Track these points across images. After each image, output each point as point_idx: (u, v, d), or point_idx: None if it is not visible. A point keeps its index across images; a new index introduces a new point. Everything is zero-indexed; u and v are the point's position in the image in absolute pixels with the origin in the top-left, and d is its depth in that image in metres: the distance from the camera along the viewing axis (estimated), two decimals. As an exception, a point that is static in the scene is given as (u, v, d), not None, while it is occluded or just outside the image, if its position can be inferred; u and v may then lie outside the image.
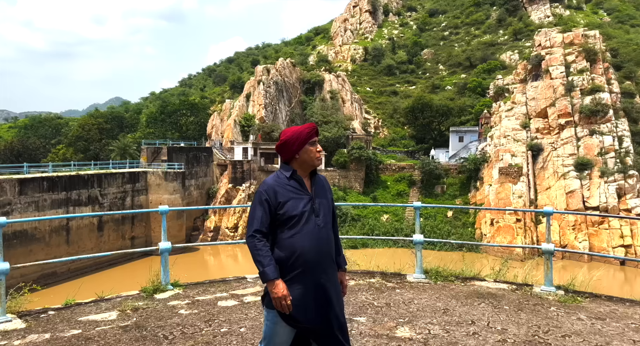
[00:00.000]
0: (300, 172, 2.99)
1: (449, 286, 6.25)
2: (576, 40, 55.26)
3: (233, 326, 4.65)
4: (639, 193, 43.82)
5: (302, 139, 2.96)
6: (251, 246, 2.84)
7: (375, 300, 5.59)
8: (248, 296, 5.65)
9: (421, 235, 6.81)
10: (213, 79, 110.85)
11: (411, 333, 4.56)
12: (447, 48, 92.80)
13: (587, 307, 5.37)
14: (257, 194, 2.95)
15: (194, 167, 49.50)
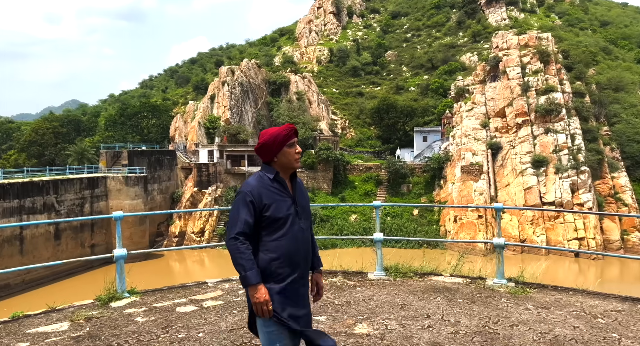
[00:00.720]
0: (282, 173, 2.96)
1: (407, 282, 6.42)
2: (531, 42, 57.80)
3: (191, 331, 4.60)
4: (590, 188, 46.31)
5: (279, 141, 2.91)
6: (233, 248, 2.75)
7: (336, 298, 5.66)
8: (208, 301, 5.59)
9: (381, 234, 6.95)
10: (175, 80, 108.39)
11: (369, 329, 4.66)
12: (410, 50, 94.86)
13: (534, 297, 5.66)
14: (240, 195, 2.85)
15: (156, 171, 48.21)
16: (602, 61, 65.72)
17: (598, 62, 64.03)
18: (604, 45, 73.98)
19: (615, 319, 4.85)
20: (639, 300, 5.52)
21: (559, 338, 4.33)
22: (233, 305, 5.43)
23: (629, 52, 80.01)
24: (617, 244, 44.31)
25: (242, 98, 61.21)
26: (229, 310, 5.22)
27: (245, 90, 62.31)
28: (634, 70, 66.99)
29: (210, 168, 50.16)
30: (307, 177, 57.49)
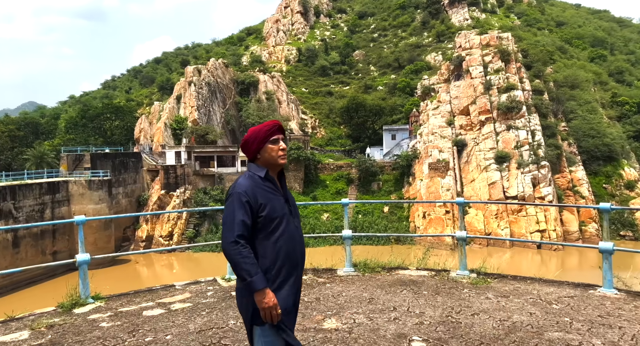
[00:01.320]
0: (271, 172, 2.86)
1: (375, 277, 6.57)
2: (492, 41, 59.73)
3: (159, 334, 4.55)
4: (550, 182, 48.41)
5: (261, 138, 2.83)
6: (234, 253, 2.59)
7: (305, 295, 5.73)
8: (176, 304, 5.53)
9: (350, 231, 7.07)
10: (139, 80, 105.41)
11: (338, 323, 4.75)
12: (377, 49, 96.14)
13: (494, 287, 5.92)
14: (234, 195, 2.70)
15: (121, 174, 46.81)
16: (559, 60, 68.77)
17: (555, 61, 66.93)
18: (560, 44, 77.47)
19: (568, 304, 5.15)
20: (590, 286, 5.87)
21: (516, 325, 4.56)
22: (202, 306, 5.40)
23: (582, 51, 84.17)
24: (576, 235, 46.52)
25: (210, 99, 60.28)
26: (198, 312, 5.19)
27: (213, 90, 61.38)
28: (587, 68, 70.52)
29: (177, 170, 49.14)
30: (278, 177, 57.40)
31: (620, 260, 6.57)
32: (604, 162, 53.72)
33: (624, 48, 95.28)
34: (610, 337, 4.20)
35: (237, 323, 4.79)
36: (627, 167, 54.15)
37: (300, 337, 4.40)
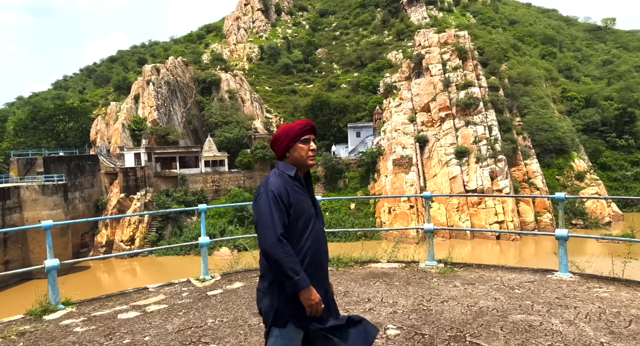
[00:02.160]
0: (299, 171, 2.82)
1: (349, 271, 6.75)
2: (449, 40, 61.62)
3: (136, 336, 4.51)
4: (507, 175, 50.64)
5: (292, 136, 2.78)
6: (280, 252, 2.55)
7: (281, 292, 5.81)
8: (151, 306, 5.48)
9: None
10: (94, 80, 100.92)
11: (315, 317, 4.87)
12: (339, 47, 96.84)
13: (461, 275, 6.25)
14: (267, 193, 2.65)
15: (77, 178, 44.87)
16: (513, 57, 71.83)
17: (509, 58, 69.85)
18: (513, 42, 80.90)
19: (528, 289, 5.53)
20: (548, 271, 6.32)
21: (482, 309, 4.86)
22: (178, 307, 5.38)
23: (534, 48, 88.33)
24: (532, 225, 48.95)
25: (170, 98, 58.69)
26: (175, 313, 5.17)
27: (173, 89, 59.80)
28: (539, 65, 74.11)
29: (137, 172, 47.62)
30: (244, 177, 56.75)
31: (574, 247, 7.07)
32: (556, 154, 56.74)
33: (571, 45, 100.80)
34: (567, 316, 4.57)
35: (216, 322, 4.83)
36: (577, 158, 57.45)
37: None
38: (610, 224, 49.78)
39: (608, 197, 41.74)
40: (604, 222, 49.57)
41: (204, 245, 6.70)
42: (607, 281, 5.71)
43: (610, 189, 56.91)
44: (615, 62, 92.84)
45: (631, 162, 62.42)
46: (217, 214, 51.21)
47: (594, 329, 4.23)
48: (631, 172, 60.21)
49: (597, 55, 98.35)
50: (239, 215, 50.09)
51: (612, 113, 64.74)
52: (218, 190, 54.54)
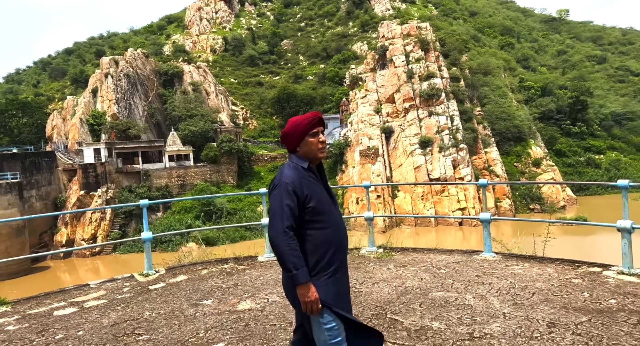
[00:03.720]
0: (311, 163, 2.86)
1: (292, 260, 6.96)
2: (412, 31, 62.54)
3: (70, 331, 4.56)
4: (469, 163, 52.31)
5: (300, 131, 2.82)
6: (283, 244, 2.58)
7: (224, 283, 5.98)
8: (90, 302, 5.51)
9: (267, 219, 7.39)
10: (49, 73, 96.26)
11: (252, 304, 5.08)
12: (305, 39, 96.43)
13: (396, 259, 6.60)
14: (281, 186, 2.69)
15: (33, 176, 43.12)
16: (473, 48, 73.73)
17: (469, 49, 71.65)
18: (473, 33, 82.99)
19: (453, 269, 5.93)
20: (475, 252, 6.77)
21: (407, 289, 5.20)
22: (117, 302, 5.44)
23: (493, 39, 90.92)
24: (493, 211, 50.83)
25: (130, 91, 56.93)
26: (112, 307, 5.24)
27: (133, 82, 58.00)
28: (498, 55, 76.41)
29: (97, 168, 46.18)
30: (211, 171, 56.03)
31: (532, 230, 7.51)
32: (515, 142, 58.99)
33: (528, 36, 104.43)
34: (480, 291, 4.97)
35: (153, 314, 4.94)
36: (534, 146, 59.96)
37: (214, 320, 4.67)
38: (565, 208, 52.46)
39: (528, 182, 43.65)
40: (559, 206, 52.16)
41: (147, 240, 6.75)
42: (525, 259, 6.20)
43: (565, 174, 59.81)
44: (569, 52, 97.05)
45: (584, 148, 65.77)
46: (183, 209, 50.46)
47: (501, 302, 4.64)
48: (584, 158, 63.47)
49: (552, 45, 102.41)
50: (206, 210, 49.56)
51: (566, 101, 67.80)
52: (184, 185, 53.67)
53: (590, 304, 4.45)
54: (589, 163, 62.84)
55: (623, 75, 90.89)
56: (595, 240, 38.32)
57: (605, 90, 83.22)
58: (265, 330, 4.35)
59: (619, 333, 3.82)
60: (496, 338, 3.83)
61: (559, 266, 5.75)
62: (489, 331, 3.98)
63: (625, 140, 70.39)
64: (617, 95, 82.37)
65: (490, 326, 4.08)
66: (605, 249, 29.60)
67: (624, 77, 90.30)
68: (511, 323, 4.11)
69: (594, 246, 35.88)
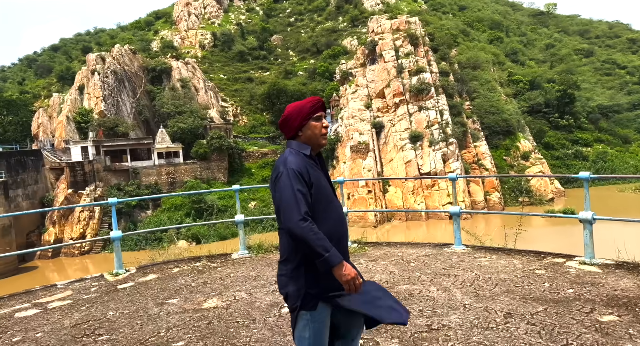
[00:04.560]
0: (313, 150, 2.72)
1: (267, 257, 6.94)
2: (401, 26, 62.48)
3: (29, 333, 4.49)
4: (458, 157, 52.57)
5: (304, 114, 2.66)
6: (306, 230, 2.43)
7: (193, 281, 5.93)
8: (54, 302, 5.43)
9: (242, 216, 7.35)
10: (35, 70, 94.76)
11: (218, 302, 5.04)
12: (295, 34, 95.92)
13: (369, 253, 6.60)
14: (288, 173, 2.53)
15: (19, 174, 42.57)
16: (462, 42, 73.86)
17: (459, 44, 71.79)
18: (462, 27, 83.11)
19: (422, 262, 5.94)
20: (446, 245, 6.79)
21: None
22: (82, 302, 5.37)
23: (482, 33, 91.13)
24: (482, 204, 51.27)
25: (118, 88, 56.27)
26: (77, 308, 5.17)
27: (121, 78, 57.31)
28: (487, 50, 76.69)
29: (85, 166, 45.71)
30: (201, 168, 55.74)
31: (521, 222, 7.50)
32: (503, 136, 59.38)
33: (517, 30, 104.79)
34: (445, 284, 4.99)
35: (117, 314, 4.88)
36: (522, 139, 60.40)
37: (177, 319, 4.62)
38: (553, 200, 52.99)
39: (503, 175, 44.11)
40: (547, 198, 52.67)
41: (116, 239, 6.67)
42: (493, 251, 6.23)
43: (553, 167, 60.39)
44: (557, 45, 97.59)
45: (571, 141, 66.42)
46: (173, 207, 50.21)
47: (463, 293, 4.66)
48: (572, 150, 64.11)
49: (540, 39, 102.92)
50: (197, 207, 49.37)
51: (554, 95, 68.30)
52: (173, 182, 53.37)
53: (549, 294, 4.50)
54: (577, 155, 63.50)
55: (609, 68, 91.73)
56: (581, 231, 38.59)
57: (592, 83, 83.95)
58: (227, 328, 4.32)
59: (571, 321, 3.88)
60: (453, 330, 3.86)
61: (525, 257, 5.80)
62: (447, 322, 4.01)
63: (611, 132, 71.17)
64: (604, 88, 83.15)
65: (449, 317, 4.11)
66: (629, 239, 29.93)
67: (610, 70, 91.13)
68: (470, 315, 4.14)
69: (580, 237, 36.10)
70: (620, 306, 4.12)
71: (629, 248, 5.56)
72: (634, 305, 4.15)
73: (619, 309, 4.07)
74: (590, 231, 5.30)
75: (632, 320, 3.85)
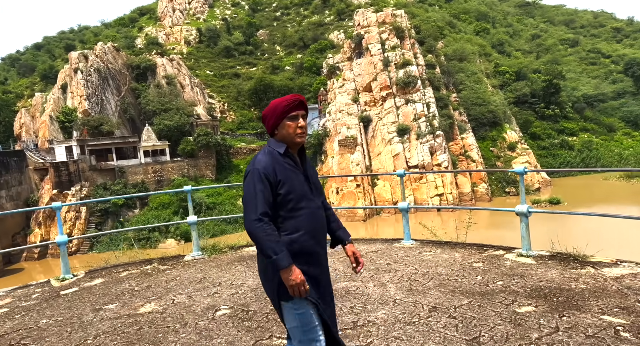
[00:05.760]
0: (290, 148, 2.74)
1: (220, 258, 6.85)
2: (387, 19, 62.26)
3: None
4: (445, 149, 52.75)
5: (278, 113, 2.69)
6: (259, 230, 2.50)
7: (138, 285, 5.82)
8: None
9: (195, 217, 7.24)
10: (17, 69, 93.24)
11: (155, 307, 4.94)
12: (281, 28, 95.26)
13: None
14: (253, 172, 2.60)
15: (2, 176, 42.00)
16: (448, 34, 73.87)
17: (445, 36, 71.78)
18: (449, 19, 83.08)
19: (369, 258, 5.90)
20: (397, 240, 6.75)
21: (317, 283, 5.13)
22: (19, 310, 5.24)
23: (469, 25, 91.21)
24: (469, 195, 51.59)
25: (102, 86, 55.54)
26: (11, 316, 5.03)
27: (104, 76, 56.56)
28: (473, 41, 76.73)
29: (70, 166, 45.18)
30: (188, 165, 55.33)
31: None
32: (490, 127, 59.66)
33: (503, 21, 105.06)
34: (383, 279, 4.97)
35: (50, 321, 4.77)
36: (509, 130, 60.74)
37: (108, 325, 4.53)
38: (540, 190, 53.45)
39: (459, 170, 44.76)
40: (534, 188, 53.11)
41: (61, 244, 6.54)
42: (440, 245, 6.23)
43: (539, 157, 60.84)
44: (543, 36, 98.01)
45: (557, 131, 66.94)
46: (160, 205, 49.87)
47: (397, 288, 4.66)
48: (558, 140, 64.63)
49: (526, 29, 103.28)
50: (185, 205, 49.06)
51: (540, 85, 68.68)
52: (161, 180, 52.97)
53: (478, 287, 4.54)
54: (562, 145, 64.05)
55: (594, 57, 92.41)
56: (572, 223, 38.83)
57: (578, 72, 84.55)
58: (156, 333, 4.24)
59: (490, 313, 3.93)
60: (376, 326, 3.86)
61: (467, 251, 5.81)
62: (373, 318, 4.01)
63: (596, 121, 71.83)
64: (589, 77, 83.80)
65: (376, 313, 4.10)
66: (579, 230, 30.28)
67: (595, 59, 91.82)
68: (397, 310, 4.16)
69: (570, 228, 36.37)
70: (540, 297, 4.19)
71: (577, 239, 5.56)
72: (553, 295, 4.23)
73: (538, 300, 4.13)
74: (527, 224, 5.30)
75: (546, 310, 3.92)
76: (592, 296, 4.12)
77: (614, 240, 26.61)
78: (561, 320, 3.70)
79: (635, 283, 4.35)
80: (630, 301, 3.95)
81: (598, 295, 4.14)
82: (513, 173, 52.97)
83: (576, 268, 4.90)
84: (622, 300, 3.97)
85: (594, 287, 4.33)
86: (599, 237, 27.49)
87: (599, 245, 5.78)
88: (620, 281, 4.43)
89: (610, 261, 4.97)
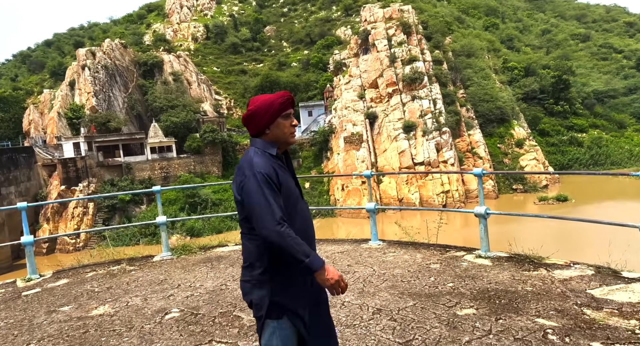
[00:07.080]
0: (279, 149, 2.57)
1: (187, 258, 6.78)
2: (394, 14, 61.65)
3: None
4: (452, 146, 52.20)
5: (273, 110, 2.48)
6: (284, 236, 2.29)
7: (99, 286, 5.77)
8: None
9: (164, 217, 7.18)
10: (28, 66, 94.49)
11: (108, 309, 4.88)
12: (288, 24, 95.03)
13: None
14: (256, 176, 2.37)
15: (11, 172, 42.70)
16: (457, 30, 72.89)
17: (453, 31, 70.85)
18: (457, 14, 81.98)
19: (333, 259, 5.80)
20: (364, 241, 6.62)
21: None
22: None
23: (478, 20, 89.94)
24: (476, 192, 51.03)
25: (109, 83, 56.04)
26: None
27: (112, 73, 57.05)
28: (482, 37, 75.68)
29: (78, 162, 45.74)
30: (194, 162, 55.64)
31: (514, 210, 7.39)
32: (498, 123, 58.85)
33: (513, 16, 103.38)
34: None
35: (1, 324, 4.74)
36: (517, 126, 59.86)
37: (56, 328, 4.48)
38: (547, 187, 52.63)
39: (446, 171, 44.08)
40: (541, 185, 52.32)
41: (27, 244, 6.53)
42: (406, 246, 6.11)
43: (548, 153, 59.89)
44: (554, 31, 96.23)
45: (567, 127, 65.78)
46: (167, 202, 50.27)
47: (350, 290, 4.59)
48: (567, 137, 63.53)
49: (537, 25, 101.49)
50: (191, 202, 49.36)
51: (549, 81, 67.49)
52: (167, 177, 53.38)
53: (428, 289, 4.47)
54: (572, 142, 62.95)
55: (606, 52, 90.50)
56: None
57: (589, 68, 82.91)
58: (100, 337, 4.18)
59: (431, 316, 3.87)
60: (319, 329, 3.73)
61: (430, 251, 5.72)
62: (316, 321, 3.88)
63: (607, 117, 70.43)
64: (600, 72, 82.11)
65: (320, 316, 3.98)
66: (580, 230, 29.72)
67: (607, 54, 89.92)
68: (342, 312, 4.09)
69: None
70: (484, 300, 4.12)
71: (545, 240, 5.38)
72: (497, 297, 4.15)
73: (481, 302, 4.06)
74: (485, 225, 5.18)
75: (485, 312, 3.85)
76: (534, 298, 4.06)
77: (581, 241, 26.53)
78: (496, 323, 3.66)
79: (581, 285, 4.28)
80: (569, 304, 3.89)
81: (540, 297, 4.08)
82: (518, 169, 52.19)
83: (529, 270, 4.85)
84: (561, 303, 3.91)
85: (540, 289, 4.26)
86: (567, 238, 27.17)
87: (565, 245, 5.63)
88: (567, 283, 4.36)
89: (564, 263, 4.86)
